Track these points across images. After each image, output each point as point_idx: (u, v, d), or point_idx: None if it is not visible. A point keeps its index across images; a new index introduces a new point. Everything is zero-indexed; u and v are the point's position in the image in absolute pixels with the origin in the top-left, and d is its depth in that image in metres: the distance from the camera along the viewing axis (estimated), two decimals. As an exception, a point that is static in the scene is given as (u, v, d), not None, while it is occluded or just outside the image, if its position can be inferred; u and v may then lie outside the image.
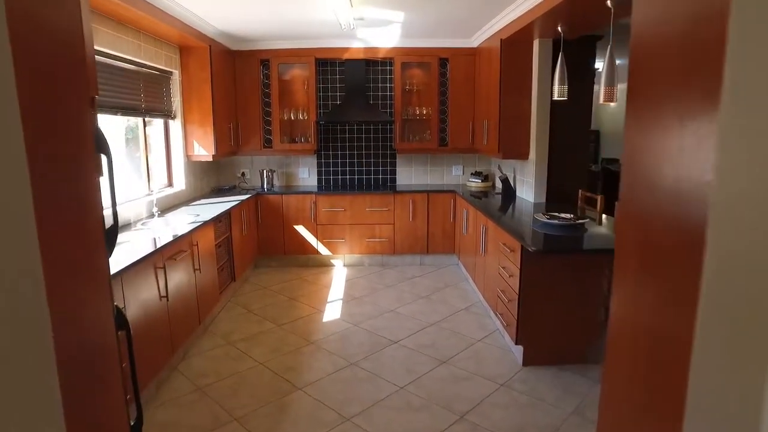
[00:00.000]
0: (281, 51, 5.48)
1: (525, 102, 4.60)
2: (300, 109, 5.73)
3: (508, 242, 3.43)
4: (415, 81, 5.78)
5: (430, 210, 5.58)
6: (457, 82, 5.62)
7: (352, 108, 5.59)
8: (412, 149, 5.79)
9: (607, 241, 3.23)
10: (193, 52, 4.67)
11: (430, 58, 5.55)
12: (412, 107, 5.80)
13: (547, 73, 4.43)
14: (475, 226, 4.52)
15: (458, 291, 4.83)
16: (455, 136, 5.74)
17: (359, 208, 5.53)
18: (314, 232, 5.56)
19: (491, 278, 3.94)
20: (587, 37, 4.39)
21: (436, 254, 5.73)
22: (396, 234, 5.61)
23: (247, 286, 5.02)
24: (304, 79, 5.70)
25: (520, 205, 4.60)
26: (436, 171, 6.14)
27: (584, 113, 4.64)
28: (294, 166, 6.04)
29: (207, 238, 3.89)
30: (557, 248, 3.08)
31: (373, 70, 5.85)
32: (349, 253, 5.65)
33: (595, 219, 3.71)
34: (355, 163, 6.05)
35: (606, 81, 3.15)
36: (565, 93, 3.87)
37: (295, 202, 5.50)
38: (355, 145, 6.01)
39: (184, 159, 4.84)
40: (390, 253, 5.67)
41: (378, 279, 5.24)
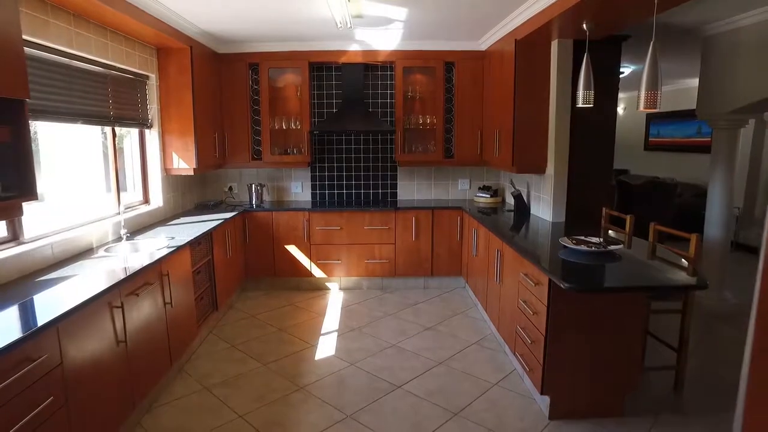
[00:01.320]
0: (272, 54, 5.01)
1: (542, 110, 4.13)
2: (292, 117, 5.25)
3: (531, 273, 2.93)
4: (418, 87, 5.31)
5: (435, 228, 5.09)
6: (464, 88, 5.15)
7: (350, 116, 5.11)
8: (414, 161, 5.31)
9: (651, 274, 2.74)
10: (172, 53, 4.19)
11: (434, 62, 5.09)
12: (414, 116, 5.32)
13: (566, 77, 3.97)
14: (488, 249, 4.02)
15: (467, 320, 4.32)
16: (462, 148, 5.26)
17: (357, 227, 5.04)
18: (307, 252, 5.05)
19: (508, 311, 3.44)
20: (611, 38, 3.94)
21: (441, 277, 5.23)
22: (397, 255, 5.11)
23: (232, 314, 4.50)
24: (296, 85, 5.22)
25: (535, 224, 4.11)
26: (440, 185, 5.66)
27: (608, 122, 4.17)
28: (286, 180, 5.55)
29: (182, 265, 3.38)
30: (597, 286, 2.55)
31: (372, 75, 5.38)
32: (346, 275, 5.15)
33: (623, 242, 3.21)
34: (352, 177, 5.56)
35: (648, 84, 2.67)
36: (591, 99, 3.40)
37: (286, 220, 5.00)
38: (352, 157, 5.53)
39: (161, 173, 4.34)
40: (391, 276, 5.17)
41: (378, 305, 4.73)
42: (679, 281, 2.59)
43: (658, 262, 3.00)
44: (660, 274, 2.74)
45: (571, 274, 2.63)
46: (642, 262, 2.99)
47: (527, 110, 4.12)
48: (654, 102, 2.68)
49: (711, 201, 4.59)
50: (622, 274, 2.70)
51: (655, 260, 3.06)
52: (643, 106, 2.71)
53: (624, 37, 4.05)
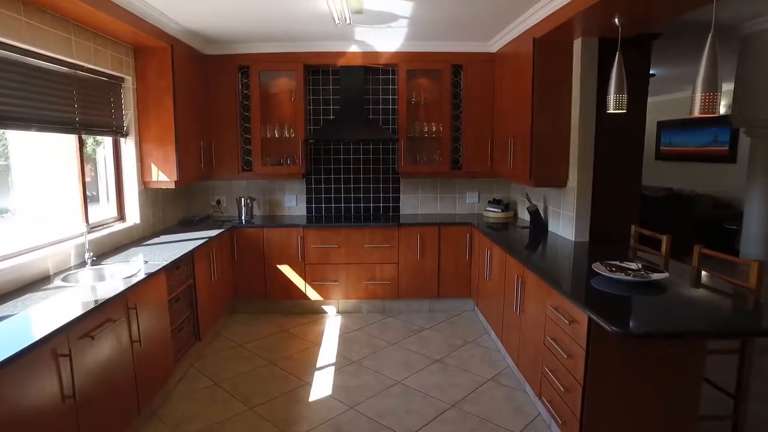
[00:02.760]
0: (263, 56, 4.59)
1: (563, 117, 3.70)
2: (286, 125, 4.82)
3: (562, 308, 2.49)
4: (423, 92, 4.89)
5: (442, 246, 4.64)
6: (473, 93, 4.74)
7: (348, 124, 4.68)
8: (419, 173, 4.88)
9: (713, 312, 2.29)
10: (150, 53, 3.76)
11: (440, 65, 4.67)
12: (419, 123, 4.90)
13: (591, 80, 3.55)
14: (504, 274, 3.58)
15: (480, 351, 3.87)
16: (470, 158, 4.84)
17: (356, 245, 4.59)
18: (302, 273, 4.60)
19: (531, 347, 2.99)
20: (639, 37, 3.52)
21: (448, 298, 4.78)
22: (401, 275, 4.66)
23: (218, 343, 4.03)
24: (290, 90, 4.80)
25: (555, 244, 3.67)
26: (447, 198, 5.22)
27: (636, 130, 3.75)
28: (278, 193, 5.11)
29: (155, 294, 2.93)
30: (654, 330, 2.08)
31: (373, 79, 4.96)
32: (344, 298, 4.69)
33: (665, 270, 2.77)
34: (351, 190, 5.12)
35: (705, 84, 2.25)
36: (624, 104, 2.98)
37: (278, 237, 4.55)
38: (351, 168, 5.09)
39: (139, 186, 3.90)
40: (393, 298, 4.71)
41: (379, 332, 4.27)
42: (758, 327, 2.14)
43: (710, 294, 2.57)
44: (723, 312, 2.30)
45: (614, 312, 2.18)
46: (692, 295, 2.55)
47: (547, 117, 3.70)
48: (713, 105, 2.26)
49: (749, 216, 4.17)
50: (675, 313, 2.26)
51: (706, 291, 2.62)
52: (699, 110, 2.28)
53: (654, 35, 3.64)
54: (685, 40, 4.33)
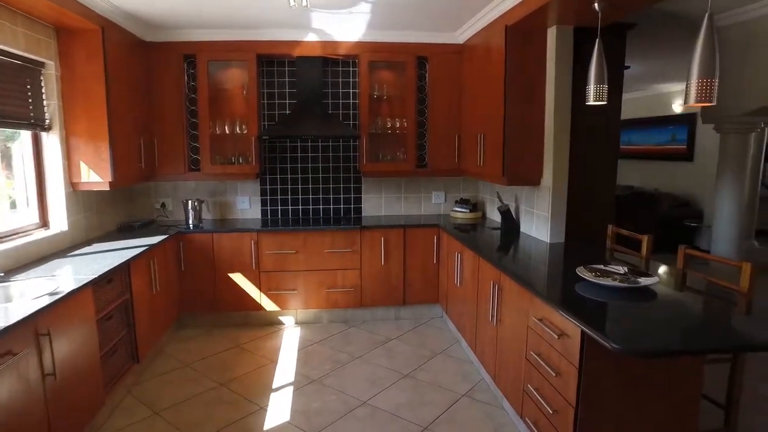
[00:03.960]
0: (211, 44, 4.17)
1: (537, 110, 3.48)
2: (237, 120, 4.41)
3: (549, 319, 2.23)
4: (386, 86, 4.59)
5: (408, 250, 4.35)
6: (439, 87, 4.47)
7: (306, 120, 4.32)
8: (382, 171, 4.56)
9: (715, 322, 2.08)
10: (77, 36, 3.29)
11: (404, 57, 4.38)
12: (382, 119, 4.59)
13: (567, 71, 3.34)
14: (477, 279, 3.31)
15: (451, 362, 3.59)
16: (436, 155, 4.57)
17: (315, 250, 4.23)
18: (256, 281, 4.20)
19: (511, 361, 2.73)
20: (614, 26, 3.34)
21: (415, 305, 4.49)
22: (364, 281, 4.34)
23: (160, 363, 3.59)
24: (242, 82, 4.39)
25: (530, 246, 3.44)
26: (411, 198, 4.94)
27: (611, 124, 3.57)
28: (230, 194, 4.69)
29: (78, 314, 2.49)
30: (663, 348, 1.79)
31: (332, 71, 4.62)
32: (303, 307, 4.32)
33: (654, 274, 2.56)
34: (309, 190, 4.76)
35: (701, 70, 2.05)
36: (605, 95, 2.77)
37: (230, 243, 4.14)
38: (309, 167, 4.73)
39: (66, 188, 3.42)
40: (356, 306, 4.38)
41: (342, 344, 3.93)
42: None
43: (703, 299, 2.37)
44: (722, 322, 2.09)
45: (609, 325, 1.94)
46: (684, 301, 2.35)
47: (520, 111, 3.46)
48: (710, 93, 2.06)
49: (719, 215, 4.08)
50: (674, 324, 2.03)
51: (698, 296, 2.43)
52: (695, 99, 2.08)
53: (629, 25, 3.47)
54: (641, 38, 4.21)
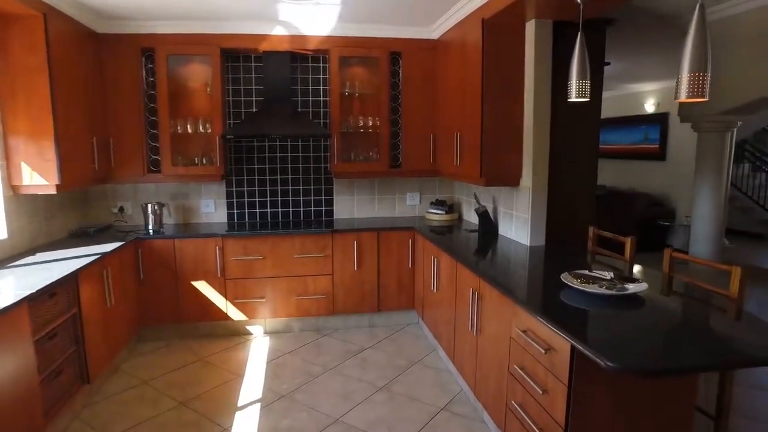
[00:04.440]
0: (171, 37, 3.91)
1: (516, 108, 3.34)
2: (201, 119, 4.15)
3: (535, 332, 2.07)
4: (358, 82, 4.39)
5: (382, 254, 4.17)
6: (414, 84, 4.30)
7: (273, 118, 4.10)
8: (354, 172, 4.36)
9: (707, 333, 1.95)
10: (13, 22, 2.99)
11: (377, 52, 4.19)
12: (354, 117, 4.39)
13: (546, 67, 3.21)
14: (455, 286, 3.15)
15: (428, 373, 3.42)
16: (411, 155, 4.39)
17: (285, 255, 4.01)
18: (222, 289, 3.95)
19: (492, 374, 2.57)
20: (592, 21, 3.23)
21: (389, 312, 4.31)
22: (336, 288, 4.13)
23: (116, 381, 3.31)
24: (205, 78, 4.13)
25: (509, 249, 3.30)
26: (385, 200, 4.75)
27: (591, 123, 3.46)
28: (193, 197, 4.42)
29: (10, 335, 2.22)
30: (662, 367, 1.64)
31: (301, 67, 4.40)
32: (272, 316, 4.09)
33: (642, 279, 2.43)
34: (277, 192, 4.53)
35: (693, 63, 1.92)
36: (588, 91, 2.64)
37: (193, 249, 3.88)
38: (277, 167, 4.50)
39: (5, 192, 3.11)
40: (328, 314, 4.18)
41: (314, 355, 3.72)
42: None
43: (693, 307, 2.25)
44: (717, 332, 1.97)
45: (600, 339, 1.79)
46: (675, 309, 2.23)
47: (498, 108, 3.31)
48: (702, 87, 1.93)
49: (697, 214, 4.03)
50: (668, 336, 1.89)
51: (688, 302, 2.31)
52: (686, 93, 1.95)
53: (608, 20, 3.36)
54: (615, 36, 4.14)
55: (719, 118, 3.74)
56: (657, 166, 7.57)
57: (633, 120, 7.94)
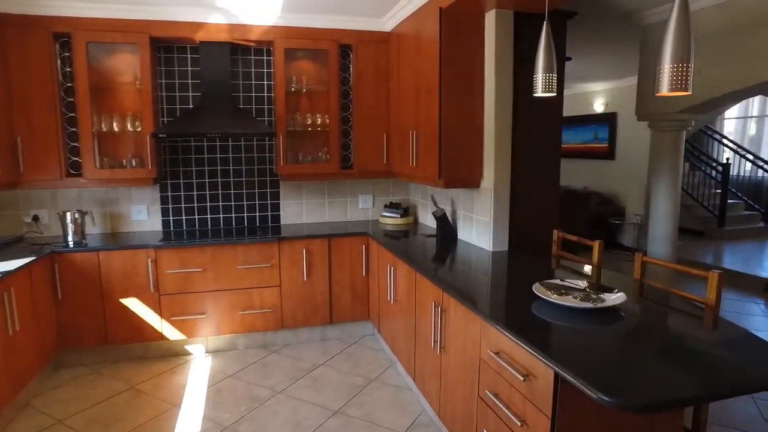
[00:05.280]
0: (91, 21, 3.45)
1: (476, 104, 3.13)
2: (129, 115, 3.71)
3: (511, 355, 1.84)
4: (306, 77, 4.07)
5: (333, 262, 3.88)
6: (366, 79, 4.02)
7: (212, 115, 3.71)
8: (302, 174, 4.04)
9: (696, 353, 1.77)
10: None
11: (326, 45, 3.89)
12: (301, 114, 4.07)
13: (507, 60, 3.02)
14: (414, 297, 2.89)
15: (387, 392, 3.16)
16: (363, 155, 4.12)
17: (227, 266, 3.64)
18: (156, 306, 3.54)
19: (460, 397, 2.33)
20: (554, 14, 3.07)
21: (343, 323, 4.03)
22: (285, 300, 3.80)
23: (23, 423, 2.85)
24: (133, 70, 3.70)
25: (470, 255, 3.09)
26: (336, 203, 4.45)
27: (554, 120, 3.30)
28: (123, 204, 3.96)
29: None
30: (664, 400, 1.39)
31: (243, 60, 4.03)
32: (215, 333, 3.71)
33: (618, 288, 2.26)
34: (218, 197, 4.14)
35: (675, 54, 1.75)
36: (554, 85, 2.45)
37: (121, 263, 3.45)
38: (218, 170, 4.11)
39: None
40: (277, 328, 3.84)
41: (261, 376, 3.38)
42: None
43: (673, 319, 2.09)
44: (704, 350, 1.80)
45: (587, 364, 1.58)
46: (656, 323, 2.06)
47: (457, 106, 3.09)
48: (685, 80, 1.75)
49: (654, 214, 3.97)
50: (656, 359, 1.70)
51: (663, 311, 2.15)
52: (668, 87, 1.77)
53: (569, 14, 3.21)
54: (569, 33, 4.04)
55: (676, 117, 3.70)
56: (607, 165, 7.66)
57: (583, 119, 8.00)
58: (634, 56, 5.57)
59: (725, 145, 9.03)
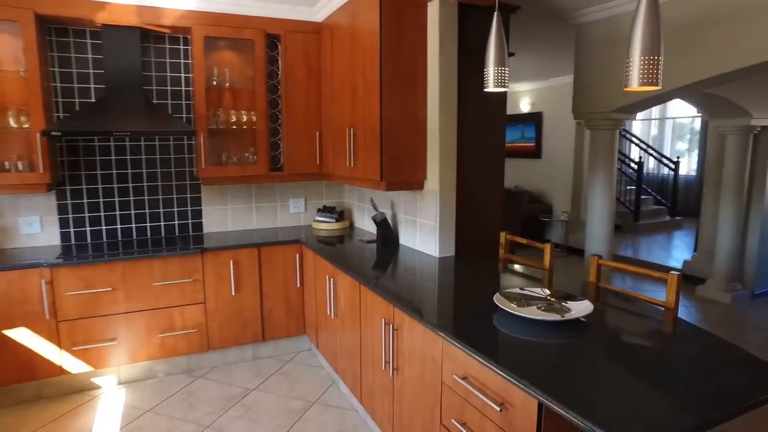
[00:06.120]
0: (-42, -2, 2.87)
1: (418, 100, 2.92)
2: (12, 110, 3.14)
3: (481, 381, 1.64)
4: (230, 70, 3.68)
5: (264, 273, 3.53)
6: (296, 73, 3.70)
7: (119, 111, 3.24)
8: (227, 177, 3.65)
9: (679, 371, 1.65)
10: None
11: (251, 34, 3.52)
12: (225, 111, 3.68)
13: (452, 53, 2.84)
14: (359, 314, 2.63)
15: (330, 414, 2.87)
16: (294, 156, 3.79)
17: (142, 284, 3.19)
18: (53, 336, 3.01)
19: (418, 422, 2.09)
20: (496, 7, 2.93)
21: (277, 340, 3.69)
22: (211, 318, 3.40)
23: None
24: (14, 55, 3.13)
25: (415, 262, 2.89)
26: (266, 209, 4.09)
27: (499, 117, 3.17)
28: (9, 215, 3.36)
29: None
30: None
31: (156, 48, 3.57)
32: (129, 361, 3.24)
33: (580, 296, 2.14)
34: (129, 204, 3.64)
35: (645, 46, 1.63)
36: (507, 79, 2.30)
37: (5, 286, 2.89)
38: (128, 173, 3.61)
39: None
40: (202, 350, 3.43)
41: (185, 407, 2.97)
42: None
43: (640, 327, 1.98)
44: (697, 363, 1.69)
45: (576, 394, 1.40)
46: (624, 334, 1.93)
47: (399, 102, 2.87)
48: (655, 74, 1.63)
49: (592, 213, 3.98)
50: (648, 375, 1.56)
51: (632, 321, 2.04)
52: (639, 81, 1.64)
53: (512, 8, 3.09)
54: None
55: (610, 116, 3.72)
56: (534, 164, 7.81)
57: (511, 119, 8.11)
58: (561, 57, 5.67)
59: (636, 144, 9.58)
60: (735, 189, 4.97)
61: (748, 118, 4.76)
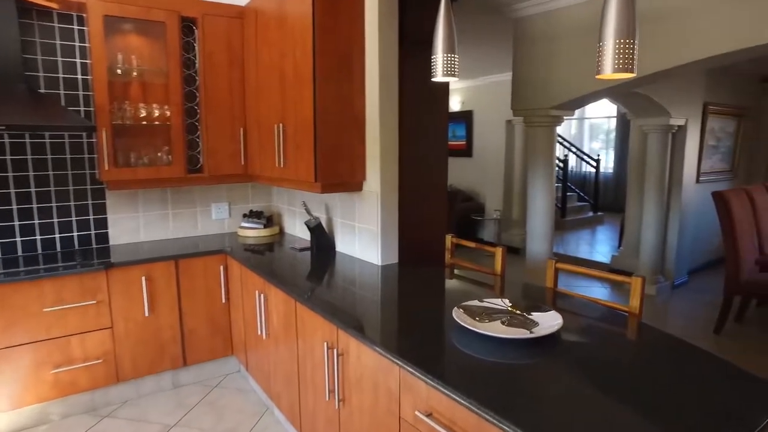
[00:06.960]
0: None
1: (355, 94, 2.64)
2: None
3: (451, 417, 1.39)
4: (138, 56, 3.20)
5: (184, 289, 3.10)
6: (217, 61, 3.29)
7: (-4, 101, 2.69)
8: (136, 180, 3.17)
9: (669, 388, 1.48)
10: None
11: (162, 15, 3.07)
12: (132, 105, 3.20)
13: (392, 42, 2.59)
14: (296, 335, 2.31)
15: (265, 449, 2.53)
16: (215, 155, 3.38)
17: (27, 310, 2.66)
18: None
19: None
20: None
21: (201, 363, 3.26)
22: (119, 345, 2.93)
23: None
24: None
25: (355, 271, 2.61)
26: (184, 215, 3.64)
27: (441, 112, 2.96)
28: None
29: None
30: None
31: (42, 27, 3.02)
32: (12, 407, 2.69)
33: (547, 307, 1.95)
34: (13, 214, 3.06)
35: (620, 29, 1.46)
36: (457, 68, 2.07)
37: None
38: (9, 176, 3.03)
39: None
40: (110, 383, 2.94)
41: (87, 454, 2.50)
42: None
43: (605, 331, 1.83)
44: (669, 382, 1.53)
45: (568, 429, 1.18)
46: (591, 344, 1.76)
47: (334, 94, 2.57)
48: (630, 59, 1.47)
49: (532, 211, 3.90)
50: (643, 401, 1.38)
51: (599, 331, 1.88)
52: (612, 67, 1.47)
53: (453, -5, 2.89)
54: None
55: (548, 113, 3.65)
56: (466, 163, 7.78)
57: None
58: (493, 54, 5.63)
59: (560, 143, 9.89)
60: (657, 185, 5.13)
61: (668, 117, 4.92)
